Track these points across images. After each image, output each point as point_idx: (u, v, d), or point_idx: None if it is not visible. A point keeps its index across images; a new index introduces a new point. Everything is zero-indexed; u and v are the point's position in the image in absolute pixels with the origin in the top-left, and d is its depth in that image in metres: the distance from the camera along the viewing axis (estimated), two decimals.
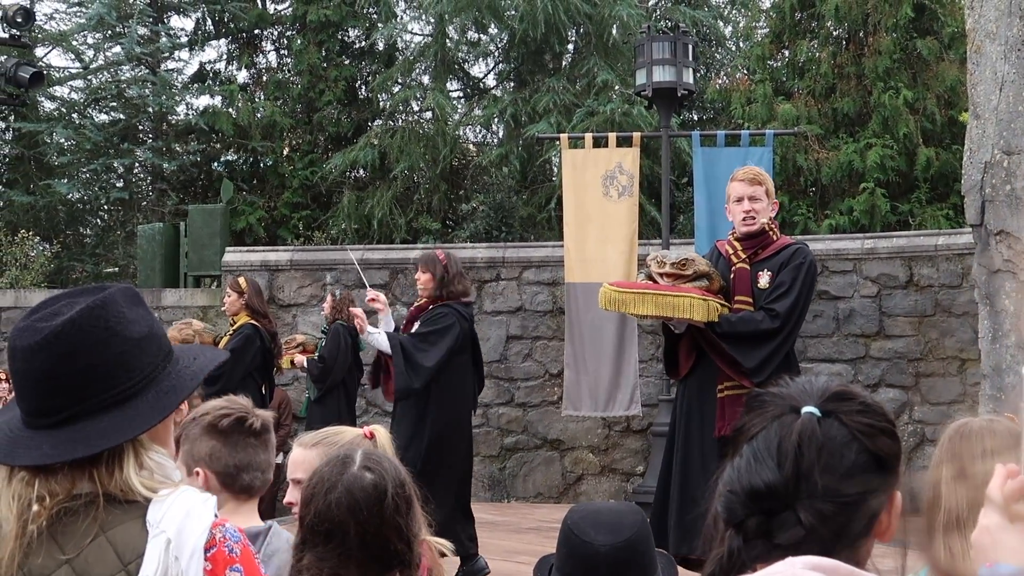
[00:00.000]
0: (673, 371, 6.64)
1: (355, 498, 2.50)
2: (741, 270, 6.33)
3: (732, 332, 6.14)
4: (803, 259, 6.31)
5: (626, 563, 2.93)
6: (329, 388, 11.54)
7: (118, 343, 2.17)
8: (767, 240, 6.37)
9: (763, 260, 6.34)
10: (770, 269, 6.29)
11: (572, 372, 12.15)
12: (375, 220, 18.81)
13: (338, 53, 20.99)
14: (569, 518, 3.08)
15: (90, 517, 2.11)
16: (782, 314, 6.16)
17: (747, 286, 6.29)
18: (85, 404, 2.14)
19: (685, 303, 6.05)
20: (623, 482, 13.13)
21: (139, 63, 21.07)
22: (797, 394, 1.76)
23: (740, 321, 6.17)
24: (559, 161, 15.41)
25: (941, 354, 12.42)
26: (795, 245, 6.44)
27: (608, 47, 19.10)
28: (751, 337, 6.14)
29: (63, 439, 2.12)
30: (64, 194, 20.12)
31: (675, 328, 6.33)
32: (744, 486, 1.68)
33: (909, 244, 12.87)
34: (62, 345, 2.13)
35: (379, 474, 2.53)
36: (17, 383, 2.18)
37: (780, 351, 6.17)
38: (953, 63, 16.40)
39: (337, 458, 2.60)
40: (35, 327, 2.14)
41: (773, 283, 6.26)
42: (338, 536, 2.49)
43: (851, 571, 1.58)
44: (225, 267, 14.10)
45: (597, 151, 12.42)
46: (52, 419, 2.14)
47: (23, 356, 2.14)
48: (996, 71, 8.04)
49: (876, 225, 15.97)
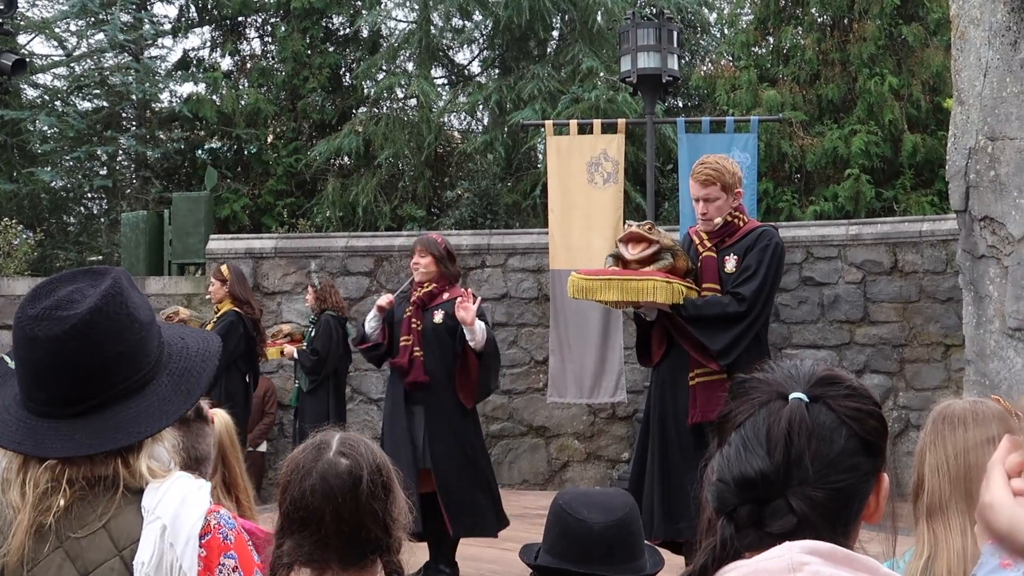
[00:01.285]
0: (645, 359, 6.64)
1: (330, 484, 2.49)
2: (707, 258, 6.35)
3: (698, 316, 6.15)
4: (768, 241, 6.30)
5: (619, 541, 2.95)
6: (322, 379, 11.57)
7: (136, 328, 2.19)
8: (732, 228, 6.38)
9: (729, 246, 6.36)
10: (736, 253, 6.30)
11: (557, 359, 12.15)
12: (359, 208, 18.77)
13: (322, 40, 20.93)
14: (561, 498, 3.09)
15: (102, 504, 2.11)
16: (748, 297, 6.16)
17: (714, 273, 6.30)
18: (112, 391, 2.15)
19: (649, 286, 6.06)
20: (608, 469, 13.14)
21: (122, 50, 20.97)
22: (784, 380, 1.75)
23: (706, 304, 6.18)
24: (544, 148, 15.40)
25: (925, 340, 12.45)
26: (760, 228, 6.43)
27: (593, 34, 19.08)
28: (717, 320, 6.14)
29: (98, 428, 2.12)
30: (47, 182, 20.04)
31: (646, 316, 6.34)
32: (734, 475, 1.67)
33: (894, 230, 12.88)
34: (93, 333, 2.13)
35: (354, 460, 2.51)
36: (37, 372, 2.14)
37: (747, 334, 6.18)
38: (938, 49, 16.41)
39: (313, 444, 2.59)
40: (58, 316, 2.12)
41: (739, 267, 6.26)
42: (314, 522, 2.49)
43: (847, 554, 1.58)
44: (209, 255, 14.06)
45: (582, 138, 12.41)
46: (78, 408, 2.13)
47: (49, 345, 2.12)
48: (980, 57, 8.04)
49: (861, 211, 15.99)
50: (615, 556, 2.96)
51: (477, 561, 8.51)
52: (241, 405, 10.11)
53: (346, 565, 2.52)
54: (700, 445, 6.14)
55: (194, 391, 2.24)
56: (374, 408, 13.46)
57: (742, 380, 1.79)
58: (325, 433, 2.64)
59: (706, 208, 6.31)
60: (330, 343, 11.53)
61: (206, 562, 2.12)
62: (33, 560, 2.09)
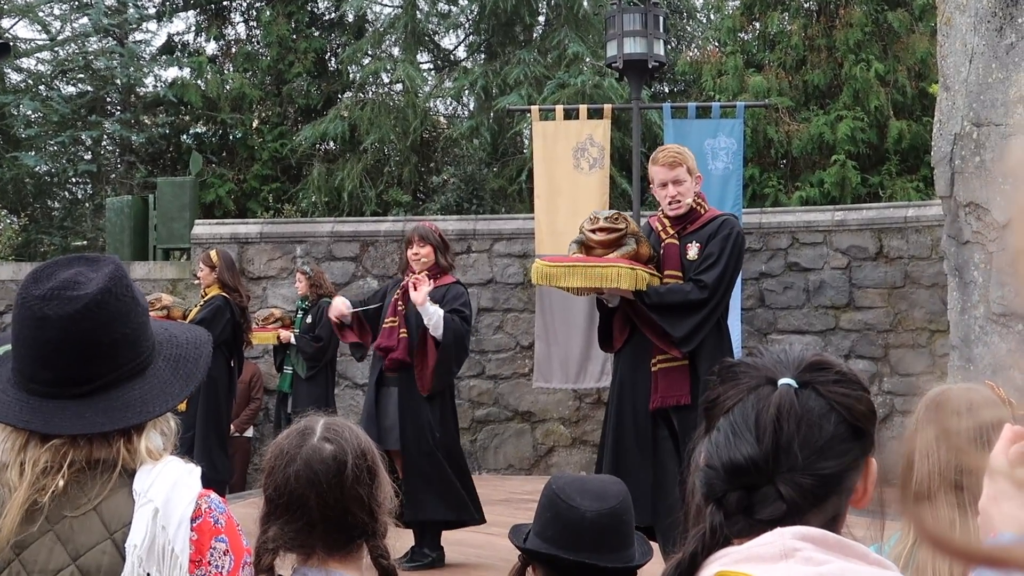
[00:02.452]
0: (608, 345, 6.67)
1: (314, 470, 2.49)
2: (670, 245, 6.39)
3: (661, 303, 6.20)
4: (730, 230, 6.36)
5: (611, 530, 2.95)
6: (321, 366, 11.61)
7: (139, 312, 2.23)
8: (695, 215, 6.43)
9: (691, 233, 6.40)
10: (698, 240, 6.35)
11: (543, 344, 12.17)
12: (345, 193, 18.74)
13: (307, 25, 20.86)
14: (554, 483, 3.09)
15: (96, 487, 2.13)
16: (710, 284, 6.21)
17: (676, 260, 6.35)
18: (117, 372, 2.18)
19: (612, 272, 6.10)
20: (594, 454, 13.14)
21: (106, 35, 20.88)
22: (772, 365, 1.74)
23: (668, 292, 6.23)
24: (530, 133, 15.38)
25: (910, 325, 12.48)
26: (722, 216, 6.49)
27: (579, 19, 19.05)
28: (680, 307, 6.19)
29: (105, 407, 2.15)
30: (31, 167, 19.95)
31: (608, 302, 6.39)
32: (723, 461, 1.66)
33: (879, 216, 12.91)
34: (103, 313, 2.15)
35: (339, 445, 2.51)
36: (45, 352, 2.15)
37: (709, 321, 6.23)
38: (924, 35, 16.42)
39: (297, 429, 2.59)
40: (67, 296, 2.14)
41: (701, 254, 6.29)
42: (299, 508, 2.49)
43: (839, 540, 1.58)
44: (194, 240, 14.04)
45: (568, 123, 12.41)
46: (84, 388, 2.15)
47: (60, 324, 2.13)
48: (966, 43, 8.06)
49: (846, 197, 16.01)
50: (605, 544, 2.96)
51: (462, 546, 8.52)
52: (225, 390, 10.11)
53: (331, 550, 2.52)
54: (659, 430, 6.23)
55: (193, 375, 2.27)
56: (359, 393, 13.46)
57: (730, 365, 1.78)
58: (309, 419, 2.64)
59: (676, 190, 6.35)
60: (331, 330, 11.57)
61: (197, 545, 2.13)
62: (23, 544, 2.09)
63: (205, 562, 2.13)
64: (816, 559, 1.53)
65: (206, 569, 2.13)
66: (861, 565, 1.56)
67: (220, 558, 2.15)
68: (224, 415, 10.31)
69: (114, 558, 2.09)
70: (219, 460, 10.00)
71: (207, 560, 2.13)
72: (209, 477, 2.27)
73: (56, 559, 2.09)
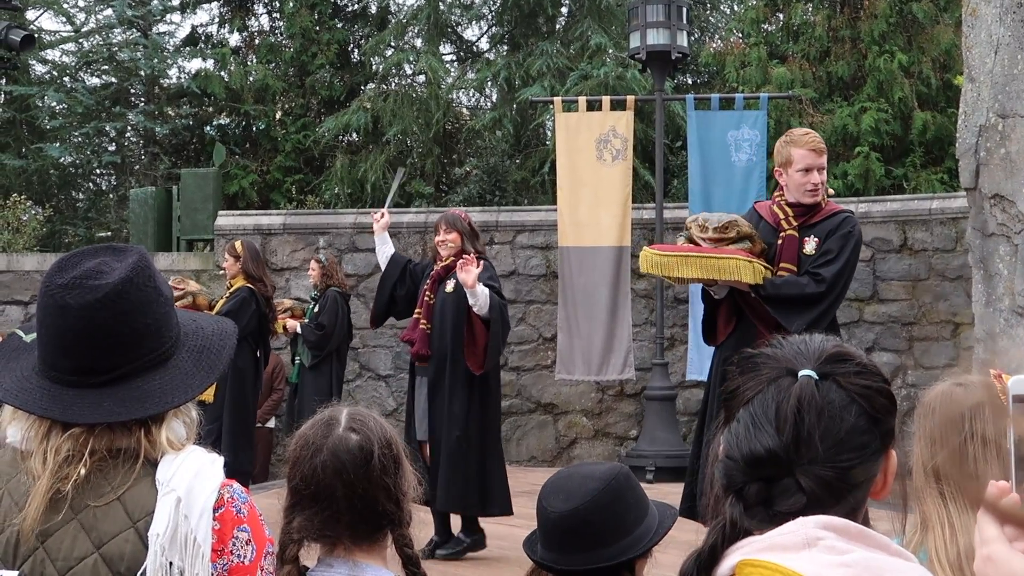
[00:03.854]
0: (712, 337, 6.49)
1: (341, 460, 2.49)
2: (790, 237, 6.18)
3: (777, 295, 6.02)
4: (851, 228, 6.18)
5: (575, 530, 2.95)
6: (325, 355, 11.56)
7: (162, 302, 2.23)
8: (817, 208, 6.24)
9: (810, 226, 6.20)
10: (816, 235, 6.14)
11: (565, 336, 12.16)
12: (368, 184, 18.76)
13: (330, 16, 20.89)
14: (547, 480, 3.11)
15: (119, 476, 2.14)
16: (828, 279, 6.03)
17: (794, 253, 6.13)
18: (137, 363, 2.18)
19: (732, 265, 5.93)
20: (616, 446, 13.16)
21: (131, 26, 20.96)
22: (793, 356, 1.73)
23: (785, 284, 6.04)
24: (552, 125, 15.36)
25: (934, 318, 12.43)
26: (843, 213, 6.29)
27: (602, 10, 19.02)
28: (796, 300, 6.02)
29: (124, 397, 2.16)
30: (56, 158, 20.05)
31: (715, 293, 6.22)
32: (744, 452, 1.65)
33: (903, 208, 12.86)
34: (123, 303, 2.16)
35: (364, 435, 2.52)
36: (65, 341, 2.16)
37: (825, 317, 6.04)
38: (948, 26, 16.34)
39: (322, 420, 2.60)
40: (88, 285, 2.15)
41: (819, 249, 6.15)
42: (325, 499, 2.49)
43: (860, 530, 1.57)
44: (218, 231, 14.08)
45: (591, 115, 12.39)
46: (103, 377, 2.16)
47: (81, 313, 2.14)
48: (991, 34, 8.01)
49: (870, 189, 15.95)
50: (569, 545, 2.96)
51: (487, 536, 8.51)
52: (251, 381, 10.14)
53: (357, 540, 2.53)
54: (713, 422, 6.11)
55: (215, 367, 2.27)
56: (382, 384, 13.49)
57: (750, 355, 1.76)
58: (333, 409, 2.64)
59: (820, 178, 6.19)
60: (336, 319, 11.53)
61: (219, 535, 2.14)
62: (47, 532, 2.10)
63: (227, 551, 2.14)
64: (839, 548, 1.53)
65: (228, 558, 2.14)
66: (883, 555, 1.56)
67: (242, 547, 2.16)
68: (251, 406, 10.34)
69: (137, 547, 2.10)
70: (244, 451, 10.04)
71: (229, 549, 2.14)
72: (232, 467, 2.27)
73: (80, 547, 2.10)
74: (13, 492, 2.15)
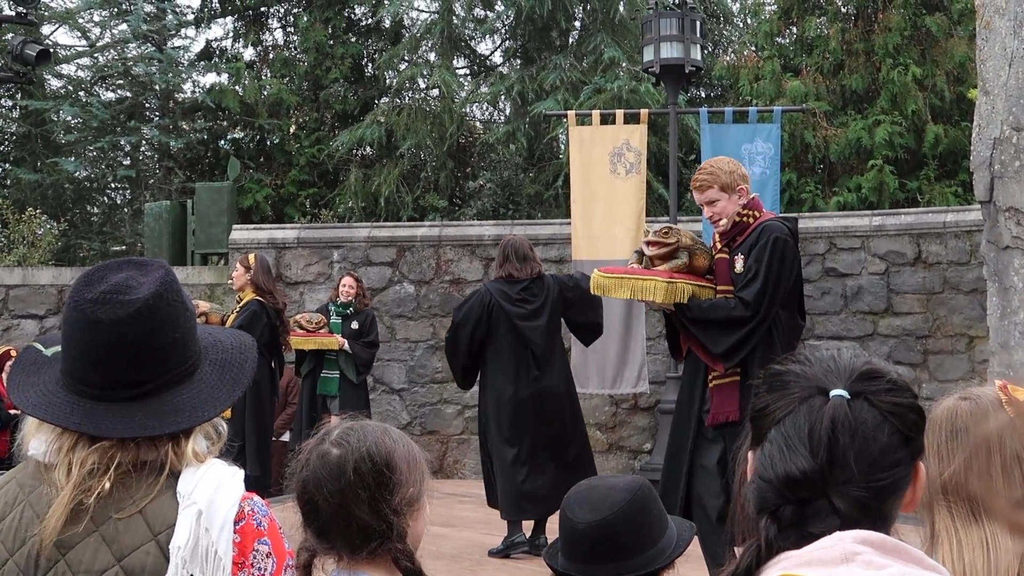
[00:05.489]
0: (676, 352, 6.64)
1: (319, 474, 2.55)
2: (720, 260, 6.34)
3: (702, 318, 6.17)
4: (768, 238, 6.20)
5: (603, 541, 2.95)
6: None
7: (188, 317, 2.25)
8: (743, 226, 6.31)
9: (739, 245, 6.31)
10: (743, 252, 6.26)
11: (579, 350, 12.14)
12: (382, 198, 18.80)
13: (344, 30, 20.95)
14: (568, 492, 3.11)
15: (141, 489, 2.14)
16: (751, 302, 6.12)
17: (726, 274, 6.29)
18: (165, 377, 2.19)
19: (649, 286, 6.11)
20: (631, 459, 13.15)
21: (145, 41, 21.05)
22: (823, 374, 1.71)
23: (712, 307, 6.19)
24: (566, 138, 15.39)
25: (949, 331, 12.41)
26: (762, 225, 6.31)
27: (615, 24, 19.05)
28: (721, 324, 6.15)
29: (156, 411, 2.16)
30: (71, 172, 20.13)
31: (657, 311, 6.40)
32: (778, 474, 1.64)
33: (917, 221, 12.84)
34: (154, 318, 2.17)
35: (344, 449, 2.56)
36: (96, 355, 2.16)
37: (753, 336, 6.13)
38: (962, 39, 16.34)
39: (316, 436, 2.66)
40: (120, 300, 2.16)
41: (745, 266, 6.24)
42: (311, 511, 2.55)
43: (896, 544, 1.57)
44: (232, 245, 14.11)
45: (604, 128, 12.40)
46: (134, 392, 2.17)
47: (113, 328, 2.14)
48: (1006, 47, 8.01)
49: (884, 202, 15.94)
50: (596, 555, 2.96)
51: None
52: (268, 394, 10.16)
53: (352, 552, 2.56)
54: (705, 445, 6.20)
55: (240, 380, 2.29)
56: (396, 398, 13.50)
57: (777, 372, 1.75)
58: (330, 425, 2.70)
59: (710, 212, 6.31)
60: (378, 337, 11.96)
61: (240, 548, 2.14)
62: (68, 544, 2.11)
63: (248, 564, 2.14)
64: (876, 563, 1.53)
65: (249, 571, 2.14)
66: (918, 569, 1.56)
67: (263, 560, 2.16)
68: (268, 419, 10.38)
69: (158, 559, 2.10)
70: (264, 464, 10.08)
71: (250, 562, 2.14)
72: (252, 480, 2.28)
73: (101, 560, 2.10)
74: (35, 504, 2.16)
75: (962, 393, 2.62)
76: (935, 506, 2.50)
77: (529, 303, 8.73)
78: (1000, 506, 2.41)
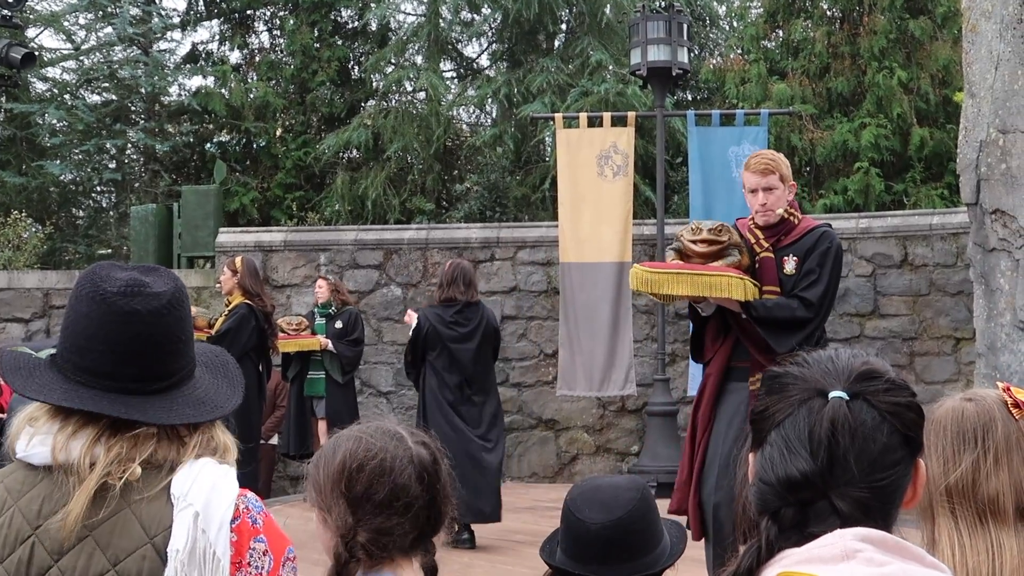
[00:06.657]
0: (699, 354, 6.47)
1: (422, 470, 2.57)
2: (766, 259, 6.18)
3: (768, 317, 6.02)
4: (829, 243, 6.15)
5: (617, 541, 2.94)
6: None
7: (190, 315, 2.29)
8: (788, 226, 6.21)
9: (787, 246, 6.19)
10: (795, 254, 6.14)
11: (567, 352, 12.15)
12: (369, 201, 18.77)
13: (331, 33, 20.93)
14: (569, 494, 3.09)
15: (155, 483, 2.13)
16: (815, 303, 6.06)
17: (774, 275, 6.13)
18: (185, 370, 2.22)
19: (723, 282, 5.89)
20: (618, 462, 13.16)
21: (131, 44, 20.99)
22: (821, 375, 1.72)
23: (776, 307, 6.04)
24: (553, 141, 15.39)
25: (935, 333, 12.44)
26: (820, 228, 6.26)
27: (602, 27, 19.06)
28: (786, 324, 6.03)
29: (188, 401, 2.19)
30: (56, 175, 20.06)
31: (702, 311, 6.20)
32: (779, 476, 1.65)
33: (903, 224, 12.88)
34: (180, 310, 2.21)
35: (431, 447, 2.60)
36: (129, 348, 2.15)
37: (811, 338, 6.06)
38: (946, 43, 16.39)
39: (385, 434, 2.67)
40: (148, 292, 2.16)
41: (801, 269, 6.14)
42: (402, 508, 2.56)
43: (897, 542, 1.58)
44: (219, 248, 14.10)
45: (592, 131, 12.42)
46: (163, 383, 2.18)
47: (151, 319, 2.15)
48: (992, 50, 8.04)
49: (870, 205, 15.98)
50: (611, 556, 2.95)
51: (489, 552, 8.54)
52: (255, 397, 10.14)
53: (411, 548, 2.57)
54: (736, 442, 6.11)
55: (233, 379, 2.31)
56: (383, 401, 13.49)
57: (776, 375, 1.76)
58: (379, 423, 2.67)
59: (766, 198, 6.14)
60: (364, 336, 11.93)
61: (237, 547, 2.13)
62: (61, 551, 2.09)
63: (245, 563, 2.13)
64: (877, 560, 1.54)
65: (246, 570, 2.13)
66: (919, 567, 1.57)
67: (260, 558, 2.15)
68: (256, 422, 10.36)
69: (154, 563, 2.08)
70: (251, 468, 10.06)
71: (247, 561, 2.13)
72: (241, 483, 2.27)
73: (96, 565, 2.08)
74: (24, 510, 2.12)
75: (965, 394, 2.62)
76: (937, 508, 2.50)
77: (462, 326, 9.22)
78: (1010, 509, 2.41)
